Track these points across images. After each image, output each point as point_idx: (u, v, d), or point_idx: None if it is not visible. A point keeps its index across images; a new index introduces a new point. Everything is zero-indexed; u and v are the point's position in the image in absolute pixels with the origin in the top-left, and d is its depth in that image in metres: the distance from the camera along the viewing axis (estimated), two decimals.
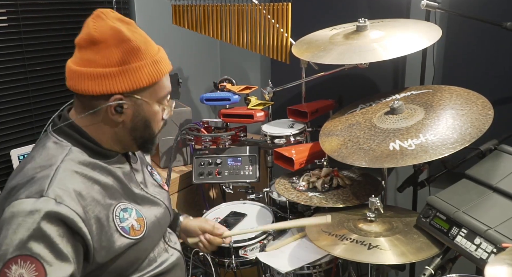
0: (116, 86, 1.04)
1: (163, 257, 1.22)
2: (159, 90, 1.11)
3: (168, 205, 1.29)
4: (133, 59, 1.05)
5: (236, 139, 2.05)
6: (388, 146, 1.45)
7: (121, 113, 1.07)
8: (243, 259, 1.67)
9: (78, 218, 0.99)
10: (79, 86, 1.06)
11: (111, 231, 1.06)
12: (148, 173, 1.31)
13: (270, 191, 1.90)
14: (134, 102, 1.08)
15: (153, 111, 1.12)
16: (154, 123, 1.15)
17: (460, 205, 1.29)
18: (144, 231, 1.14)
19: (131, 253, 1.10)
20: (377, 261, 1.31)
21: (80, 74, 1.05)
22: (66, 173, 1.03)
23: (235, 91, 2.08)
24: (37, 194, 0.97)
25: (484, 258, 1.16)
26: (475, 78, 1.82)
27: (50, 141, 1.09)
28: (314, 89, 2.14)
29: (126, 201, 1.13)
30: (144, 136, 1.15)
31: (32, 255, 0.94)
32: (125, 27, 1.06)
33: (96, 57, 1.04)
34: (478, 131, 1.37)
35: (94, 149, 1.10)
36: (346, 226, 1.46)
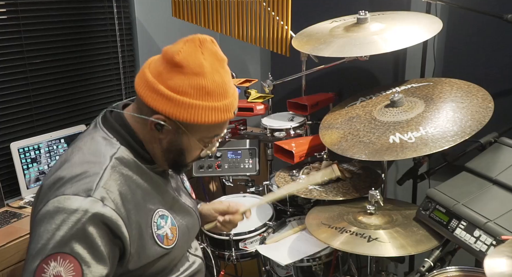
0: (166, 109, 1.02)
1: (185, 266, 1.21)
2: (206, 131, 1.08)
3: (198, 215, 1.28)
4: (195, 96, 1.02)
5: (236, 132, 2.05)
6: (388, 139, 1.45)
7: (160, 131, 1.06)
8: (243, 251, 1.68)
9: (121, 222, 0.98)
10: (139, 87, 1.05)
11: (147, 238, 1.06)
12: (180, 181, 1.30)
13: (270, 184, 1.90)
14: (175, 128, 1.06)
15: (191, 145, 1.10)
16: (189, 154, 1.12)
17: (459, 197, 1.30)
18: (175, 241, 1.13)
19: (161, 262, 1.10)
20: (376, 253, 1.31)
21: (145, 79, 1.04)
22: (114, 174, 1.02)
23: (235, 84, 2.07)
24: (84, 193, 0.96)
25: (484, 250, 1.16)
26: (476, 70, 1.82)
27: (99, 135, 1.08)
28: (314, 82, 2.14)
29: (163, 208, 1.12)
30: (176, 160, 1.13)
31: (72, 254, 0.93)
32: (210, 63, 1.04)
33: (166, 75, 1.02)
34: (478, 123, 1.36)
35: (139, 152, 1.09)
36: (346, 219, 1.46)
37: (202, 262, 1.29)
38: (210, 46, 1.05)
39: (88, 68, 2.22)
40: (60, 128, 2.04)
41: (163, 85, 1.02)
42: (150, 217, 1.07)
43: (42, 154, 1.95)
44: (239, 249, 1.68)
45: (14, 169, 1.88)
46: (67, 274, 0.93)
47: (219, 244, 1.69)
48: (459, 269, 1.24)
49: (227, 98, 1.06)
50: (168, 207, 1.14)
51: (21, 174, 1.89)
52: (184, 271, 1.20)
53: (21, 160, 1.89)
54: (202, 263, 1.28)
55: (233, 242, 1.65)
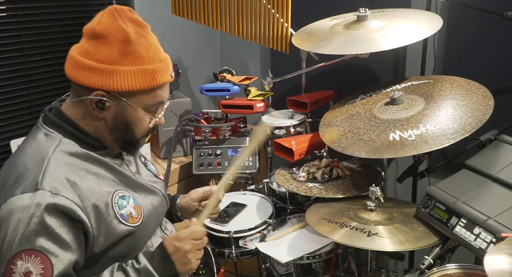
0: (101, 82, 1.03)
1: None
2: (149, 99, 1.09)
3: (165, 194, 1.29)
4: (127, 62, 1.04)
5: (236, 130, 2.05)
6: (388, 136, 1.45)
7: (102, 109, 1.07)
8: (243, 249, 1.68)
9: (76, 207, 0.99)
10: (70, 71, 1.06)
11: (110, 218, 1.06)
12: (142, 164, 1.30)
13: (270, 182, 1.90)
14: (117, 102, 1.07)
15: (137, 117, 1.10)
16: (137, 127, 1.12)
17: (459, 195, 1.30)
18: (141, 219, 1.14)
19: (128, 240, 1.11)
20: (376, 247, 1.31)
21: (74, 61, 1.05)
22: (58, 164, 1.03)
23: (235, 82, 2.07)
24: (32, 188, 0.97)
25: (483, 247, 1.16)
26: (476, 68, 1.81)
27: (41, 133, 1.09)
28: (314, 80, 2.13)
29: (123, 189, 1.13)
30: (124, 137, 1.13)
31: (36, 249, 0.95)
32: (134, 30, 1.05)
33: (93, 50, 1.04)
34: (478, 121, 1.36)
35: (85, 140, 1.10)
36: (346, 215, 1.46)
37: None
38: (129, 14, 1.06)
39: None
40: None
41: (93, 60, 1.03)
42: (109, 198, 1.08)
43: None
44: (239, 246, 1.68)
45: None
46: (36, 268, 0.94)
47: (219, 242, 1.69)
48: (459, 266, 1.25)
49: (160, 61, 1.08)
50: (127, 188, 1.15)
51: None
52: None
53: None
54: None
55: (233, 239, 1.66)
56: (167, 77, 1.10)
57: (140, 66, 1.05)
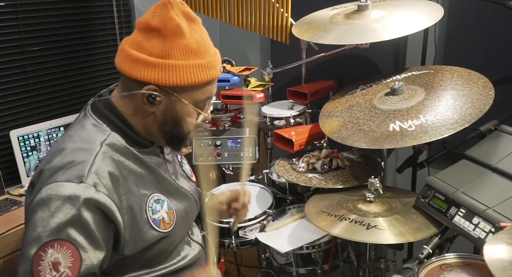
0: (154, 76, 1.02)
1: (186, 251, 1.21)
2: (199, 94, 1.08)
3: (197, 198, 1.28)
4: (180, 56, 1.02)
5: (236, 121, 2.05)
6: (388, 127, 1.45)
7: (153, 103, 1.05)
8: (243, 239, 1.69)
9: (114, 207, 0.99)
10: (122, 64, 1.04)
11: (142, 223, 1.05)
12: (178, 164, 1.29)
13: (270, 173, 1.91)
14: (168, 97, 1.05)
15: (186, 112, 1.09)
16: (185, 123, 1.11)
17: (459, 185, 1.30)
18: (173, 224, 1.13)
19: (159, 246, 1.10)
20: (375, 240, 1.32)
21: (126, 54, 1.04)
22: (106, 160, 1.02)
23: (235, 72, 2.07)
24: (77, 179, 0.96)
25: (482, 237, 1.17)
26: (477, 58, 1.81)
27: (89, 123, 1.08)
28: (314, 70, 2.13)
29: (158, 193, 1.12)
30: (173, 132, 1.12)
31: (69, 241, 0.94)
32: (186, 23, 1.03)
33: (146, 43, 1.02)
34: (478, 111, 1.36)
35: (131, 137, 1.09)
36: (345, 207, 1.47)
37: (202, 249, 1.29)
38: (182, 7, 1.05)
39: (87, 56, 2.21)
40: (59, 116, 2.04)
41: (146, 53, 1.01)
42: (144, 202, 1.07)
43: (42, 142, 1.95)
44: (239, 236, 1.69)
45: (14, 157, 1.88)
46: (65, 260, 0.93)
47: (219, 232, 1.69)
48: (457, 256, 1.25)
49: (211, 55, 1.07)
50: (163, 192, 1.14)
51: (21, 162, 1.89)
52: (186, 256, 1.20)
53: (21, 148, 1.89)
54: (202, 250, 1.28)
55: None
56: (217, 72, 1.09)
57: (192, 61, 1.03)
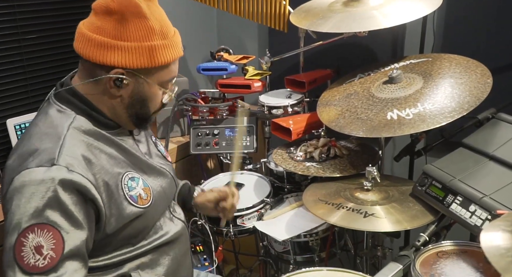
0: (121, 60, 1.02)
1: (168, 227, 1.23)
2: (164, 74, 1.10)
3: (174, 175, 1.30)
4: (144, 38, 1.03)
5: (234, 110, 2.04)
6: (386, 115, 1.45)
7: (120, 87, 1.06)
8: (241, 227, 1.70)
9: (90, 185, 0.99)
10: (84, 50, 1.04)
11: (120, 199, 1.06)
12: (153, 144, 1.30)
13: (268, 162, 1.91)
14: (135, 79, 1.07)
15: (153, 92, 1.11)
16: (151, 103, 1.13)
17: (456, 173, 1.30)
18: (150, 200, 1.14)
19: (138, 222, 1.11)
20: (372, 228, 1.33)
21: (88, 39, 1.03)
22: (74, 141, 1.02)
23: (232, 61, 2.05)
24: (48, 163, 0.97)
25: (479, 225, 1.17)
26: (476, 46, 1.80)
27: (53, 109, 1.08)
28: (312, 59, 2.12)
29: (133, 171, 1.13)
30: (139, 113, 1.13)
31: (49, 223, 0.94)
32: (145, 4, 1.04)
33: (108, 27, 1.02)
34: (476, 99, 1.36)
35: (98, 119, 1.10)
36: (343, 195, 1.47)
37: (185, 226, 1.31)
38: None
39: None
40: None
41: (110, 37, 1.01)
42: (119, 180, 1.08)
43: None
44: (237, 225, 1.69)
45: (11, 146, 1.88)
46: (47, 243, 0.94)
47: (217, 221, 1.70)
48: (454, 243, 1.26)
49: (173, 35, 1.09)
50: (137, 169, 1.15)
51: None
52: (168, 232, 1.22)
53: (18, 137, 1.89)
54: (185, 226, 1.30)
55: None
56: (181, 50, 1.11)
57: (157, 42, 1.04)
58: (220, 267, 1.98)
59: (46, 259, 0.93)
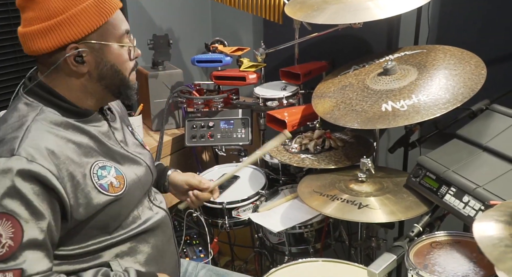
0: (66, 35, 1.03)
1: (147, 215, 1.23)
2: (114, 29, 1.09)
3: (150, 164, 1.29)
4: (73, 4, 1.03)
5: (229, 102, 2.04)
6: (380, 107, 1.45)
7: (82, 63, 1.06)
8: (236, 219, 1.70)
9: (51, 175, 0.99)
10: (32, 47, 1.05)
11: (88, 188, 1.06)
12: (129, 133, 1.30)
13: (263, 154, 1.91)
14: (91, 48, 1.06)
15: (116, 53, 1.10)
16: (121, 66, 1.12)
17: (450, 164, 1.31)
18: (124, 188, 1.14)
19: (111, 209, 1.11)
20: (367, 219, 1.34)
21: (28, 35, 1.04)
22: (37, 132, 1.02)
23: (227, 53, 2.05)
24: (8, 153, 0.97)
25: (472, 215, 1.18)
26: (470, 37, 1.79)
27: (21, 103, 1.08)
28: (307, 51, 2.11)
29: (104, 159, 1.13)
30: (115, 82, 1.13)
31: (7, 212, 0.95)
32: None
33: (37, 13, 1.02)
34: (470, 91, 1.36)
35: (67, 108, 1.09)
36: (337, 187, 1.48)
37: (167, 215, 1.31)
38: None
39: None
40: None
41: (44, 21, 1.02)
42: (87, 169, 1.08)
43: None
44: (232, 217, 1.70)
45: None
46: (6, 231, 0.94)
47: (213, 213, 1.71)
48: (447, 233, 1.27)
49: None
50: (109, 158, 1.14)
51: None
52: (147, 220, 1.22)
53: None
54: (166, 215, 1.30)
55: (226, 210, 1.67)
56: (116, 2, 1.10)
57: (86, 2, 1.04)
58: (215, 259, 1.99)
59: (4, 248, 0.94)
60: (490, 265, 1.00)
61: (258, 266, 1.94)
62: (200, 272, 1.45)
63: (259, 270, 1.93)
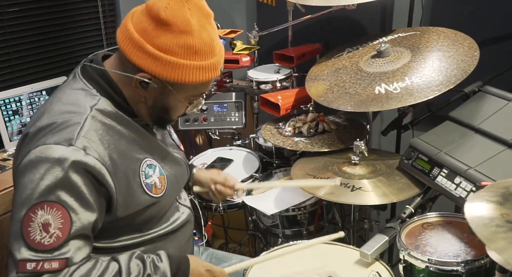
0: (152, 68, 1.00)
1: (175, 216, 1.22)
2: (192, 90, 1.07)
3: (187, 165, 1.29)
4: (183, 55, 1.00)
5: (222, 85, 2.03)
6: (373, 90, 1.45)
7: (145, 88, 1.04)
8: (230, 202, 1.71)
9: (105, 171, 0.98)
10: (123, 43, 1.02)
11: (135, 187, 1.06)
12: (167, 133, 1.29)
13: (256, 137, 1.91)
14: (162, 86, 1.04)
15: (177, 104, 1.09)
16: (173, 112, 1.11)
17: (442, 146, 1.32)
18: (164, 190, 1.13)
19: (150, 211, 1.11)
20: (360, 202, 1.34)
21: (130, 35, 1.01)
22: (95, 124, 1.01)
23: (220, 35, 2.02)
24: (66, 142, 0.96)
25: (463, 196, 1.20)
26: (464, 18, 1.79)
27: (78, 86, 1.06)
28: (301, 33, 2.09)
29: (151, 157, 1.12)
30: (160, 116, 1.12)
31: (59, 202, 0.94)
32: (197, 20, 1.00)
33: (152, 33, 0.99)
34: (463, 72, 1.36)
35: (121, 104, 1.08)
36: (331, 170, 1.48)
37: (191, 212, 1.30)
38: (197, 1, 1.02)
39: (68, 17, 2.14)
40: (39, 80, 1.99)
41: (149, 43, 0.99)
42: (137, 166, 1.07)
43: (24, 106, 1.91)
44: (226, 200, 1.70)
45: None
46: (55, 221, 0.94)
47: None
48: (439, 214, 1.29)
49: (214, 56, 1.04)
50: (155, 156, 1.14)
51: (3, 126, 1.86)
52: (175, 221, 1.21)
53: (2, 113, 1.86)
54: (190, 213, 1.30)
55: None
56: (217, 72, 1.07)
57: (194, 62, 1.01)
58: (209, 242, 2.01)
59: (52, 238, 0.93)
60: (481, 245, 1.01)
61: (252, 249, 1.96)
62: (201, 256, 1.46)
63: (253, 252, 1.94)
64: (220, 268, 1.17)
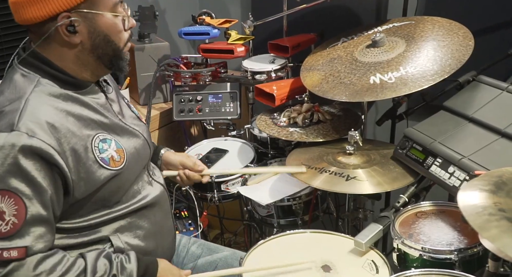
0: (58, 4, 0.99)
1: (147, 190, 1.22)
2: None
3: (147, 137, 1.27)
4: None
5: (217, 75, 2.02)
6: (368, 79, 1.44)
7: (75, 32, 1.03)
8: (225, 193, 1.71)
9: (53, 151, 0.97)
10: (24, 16, 1.02)
11: (89, 162, 1.05)
12: (125, 105, 1.28)
13: (251, 128, 1.91)
14: (84, 17, 1.03)
15: (109, 23, 1.07)
16: (115, 36, 1.09)
17: (436, 136, 1.32)
18: (124, 162, 1.13)
19: (112, 184, 1.10)
20: (354, 191, 1.35)
21: (20, 3, 1.01)
22: (37, 105, 1.00)
23: (215, 25, 2.01)
24: (7, 128, 0.95)
25: (457, 185, 1.20)
26: (458, 8, 1.78)
27: (17, 74, 1.06)
28: (296, 23, 2.08)
29: (104, 132, 1.11)
30: (108, 53, 1.10)
31: (10, 190, 0.94)
32: None
33: None
34: (458, 62, 1.36)
35: (64, 79, 1.07)
36: (326, 160, 1.49)
37: (165, 189, 1.31)
38: None
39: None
40: None
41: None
42: (89, 142, 1.06)
43: None
44: (221, 190, 1.70)
45: None
46: (9, 208, 0.94)
47: (202, 186, 1.71)
48: (432, 203, 1.30)
49: None
50: (109, 130, 1.13)
51: None
52: (146, 195, 1.21)
53: None
54: (164, 190, 1.30)
55: (215, 184, 1.68)
56: None
57: None
58: (205, 232, 2.01)
59: (8, 225, 0.94)
60: (474, 234, 1.02)
61: (247, 239, 1.97)
62: (192, 246, 1.47)
63: (248, 242, 1.96)
64: (189, 271, 1.20)
